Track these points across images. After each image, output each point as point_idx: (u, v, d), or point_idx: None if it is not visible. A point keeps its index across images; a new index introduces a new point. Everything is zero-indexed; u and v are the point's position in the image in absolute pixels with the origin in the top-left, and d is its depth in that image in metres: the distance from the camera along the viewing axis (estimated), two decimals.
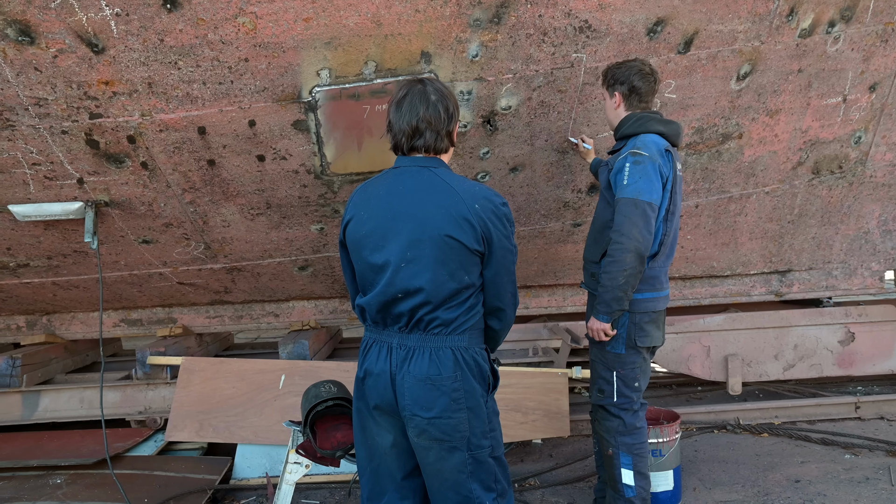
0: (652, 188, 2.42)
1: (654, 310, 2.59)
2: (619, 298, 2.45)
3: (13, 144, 2.68)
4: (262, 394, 3.52)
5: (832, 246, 4.01)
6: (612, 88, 2.61)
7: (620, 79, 2.57)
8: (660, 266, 2.59)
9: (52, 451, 3.50)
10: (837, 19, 3.04)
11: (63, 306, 3.87)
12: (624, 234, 2.40)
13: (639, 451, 2.63)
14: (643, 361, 2.61)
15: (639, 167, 2.43)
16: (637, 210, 2.39)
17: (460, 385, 1.92)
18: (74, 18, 2.30)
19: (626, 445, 2.62)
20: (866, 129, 3.55)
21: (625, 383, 2.60)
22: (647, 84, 2.56)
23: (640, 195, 2.40)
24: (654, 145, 2.49)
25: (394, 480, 2.04)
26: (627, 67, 2.57)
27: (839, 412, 4.04)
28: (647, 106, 2.61)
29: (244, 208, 3.09)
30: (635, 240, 2.39)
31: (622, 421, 2.61)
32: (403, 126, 1.96)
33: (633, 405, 2.61)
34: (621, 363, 2.59)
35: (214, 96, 2.58)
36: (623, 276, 2.41)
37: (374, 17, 2.45)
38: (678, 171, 2.57)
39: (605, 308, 2.49)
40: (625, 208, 2.42)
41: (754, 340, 4.02)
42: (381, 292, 1.94)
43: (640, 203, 2.39)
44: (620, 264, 2.41)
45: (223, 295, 3.82)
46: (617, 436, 2.62)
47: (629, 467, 2.61)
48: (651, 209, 2.41)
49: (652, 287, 2.57)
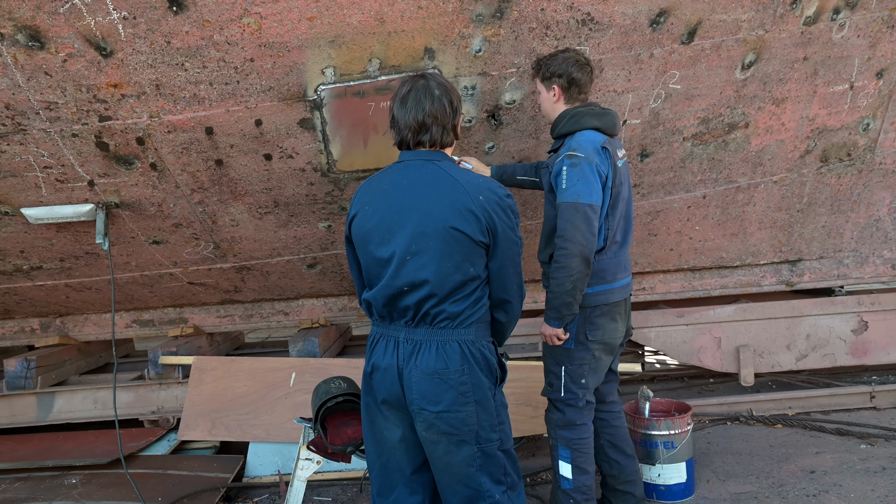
0: (591, 189, 2.40)
1: (606, 302, 2.56)
2: (567, 304, 2.44)
3: (25, 148, 2.71)
4: (274, 392, 3.54)
5: (843, 234, 3.97)
6: (548, 81, 2.54)
7: (557, 71, 2.50)
8: (609, 258, 2.56)
9: (66, 452, 3.54)
10: (842, 6, 3.01)
11: (76, 308, 3.92)
12: (568, 240, 2.39)
13: (578, 447, 2.62)
14: (592, 359, 2.59)
15: (576, 169, 2.41)
16: (578, 214, 2.39)
17: (468, 378, 1.93)
18: (83, 23, 2.33)
19: (564, 439, 2.63)
20: (874, 116, 3.52)
21: (572, 379, 2.59)
22: (585, 75, 2.51)
23: (580, 198, 2.39)
24: (590, 144, 2.46)
25: (403, 475, 2.05)
26: (563, 59, 2.50)
27: (854, 402, 3.99)
28: (585, 98, 2.57)
29: (252, 207, 3.11)
30: (579, 244, 2.38)
31: (563, 415, 2.62)
32: (409, 121, 1.97)
33: (577, 402, 2.61)
34: (570, 358, 2.59)
35: (221, 96, 2.60)
36: (570, 281, 2.41)
37: (378, 14, 2.46)
38: (620, 160, 2.53)
39: (555, 314, 2.47)
40: (566, 213, 2.41)
41: (766, 331, 3.99)
42: (386, 285, 1.95)
43: (580, 206, 2.39)
44: (567, 269, 2.40)
45: (233, 294, 3.85)
46: (557, 429, 2.64)
47: (567, 460, 2.62)
48: (592, 211, 2.40)
49: (602, 280, 2.55)
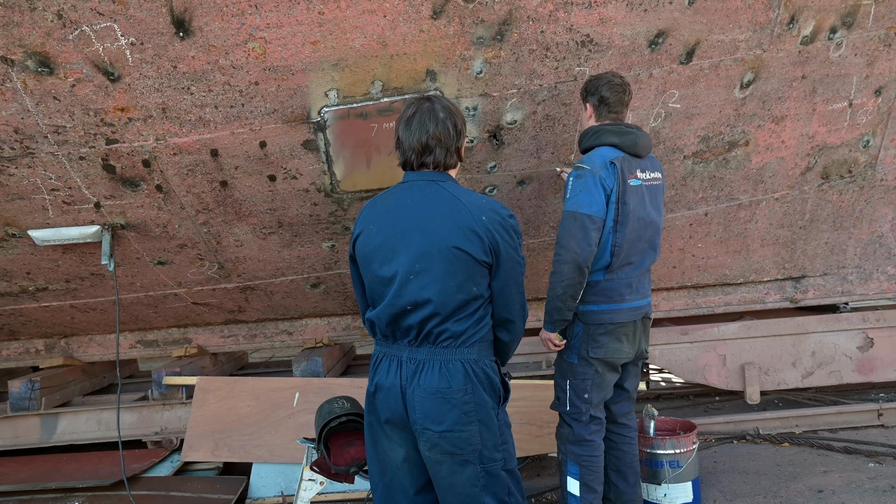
0: (592, 200, 2.46)
1: (611, 321, 2.59)
2: (559, 309, 2.51)
3: (33, 171, 2.75)
4: (277, 412, 3.53)
5: (846, 251, 3.97)
6: (585, 101, 2.66)
7: (591, 90, 2.62)
8: (619, 278, 2.59)
9: (70, 473, 3.53)
10: (839, 25, 3.05)
11: (81, 329, 3.93)
12: (563, 247, 2.47)
13: (587, 464, 2.62)
14: (595, 374, 2.61)
15: (580, 181, 2.49)
16: (576, 223, 2.45)
17: (471, 398, 1.93)
18: (91, 49, 2.38)
19: (574, 454, 2.63)
20: (874, 133, 3.54)
21: (575, 393, 2.62)
22: (615, 95, 2.58)
23: (580, 208, 2.46)
24: (599, 158, 2.53)
25: (407, 495, 2.04)
26: (598, 79, 2.61)
27: (861, 420, 3.97)
28: (616, 117, 2.62)
29: (256, 228, 3.13)
30: (573, 251, 2.44)
31: (572, 430, 2.64)
32: (413, 143, 2.00)
33: (581, 416, 2.63)
34: (573, 373, 2.63)
35: (226, 119, 2.64)
36: (561, 286, 2.47)
37: (380, 38, 2.51)
38: (636, 179, 2.56)
39: (548, 318, 2.56)
40: (565, 221, 2.49)
41: (771, 348, 3.97)
42: (389, 304, 1.95)
43: (579, 216, 2.45)
44: (559, 275, 2.48)
45: (237, 314, 3.86)
46: (567, 444, 2.65)
47: (575, 476, 2.62)
48: (591, 221, 2.45)
49: (609, 299, 2.58)
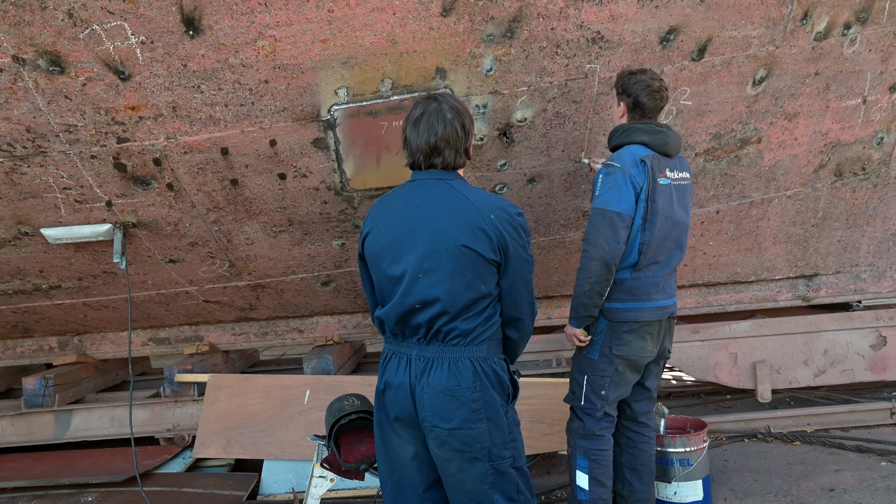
0: (621, 198, 2.46)
1: (637, 320, 2.58)
2: (585, 305, 2.52)
3: (45, 170, 2.78)
4: (288, 409, 3.55)
5: (859, 248, 3.93)
6: (619, 97, 2.63)
7: (628, 90, 2.59)
8: (646, 276, 2.58)
9: (83, 469, 3.57)
10: (853, 21, 3.02)
11: (93, 326, 3.97)
12: (590, 243, 2.47)
13: (596, 458, 2.64)
14: (615, 372, 2.62)
15: (610, 178, 2.49)
16: (605, 220, 2.45)
17: (480, 396, 1.93)
18: (102, 48, 2.39)
19: (583, 448, 2.65)
20: (888, 130, 3.50)
21: (592, 389, 2.63)
22: (652, 101, 2.56)
23: (609, 205, 2.46)
24: (629, 156, 2.52)
25: (416, 493, 2.05)
26: (637, 80, 2.56)
27: (874, 418, 3.93)
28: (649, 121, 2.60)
29: (267, 226, 3.15)
30: (601, 248, 2.44)
31: (583, 425, 2.66)
32: (421, 145, 2.00)
33: (595, 412, 2.64)
34: (592, 368, 2.63)
35: (236, 117, 2.65)
36: (588, 283, 2.48)
37: (390, 35, 2.50)
38: (666, 178, 2.55)
39: (574, 314, 2.58)
40: (594, 218, 2.49)
41: (783, 346, 3.94)
42: (398, 303, 1.96)
43: (607, 213, 2.45)
44: (586, 272, 2.48)
45: (248, 312, 3.88)
46: (577, 438, 2.67)
47: (584, 470, 2.64)
48: (620, 218, 2.45)
49: (634, 297, 2.57)
